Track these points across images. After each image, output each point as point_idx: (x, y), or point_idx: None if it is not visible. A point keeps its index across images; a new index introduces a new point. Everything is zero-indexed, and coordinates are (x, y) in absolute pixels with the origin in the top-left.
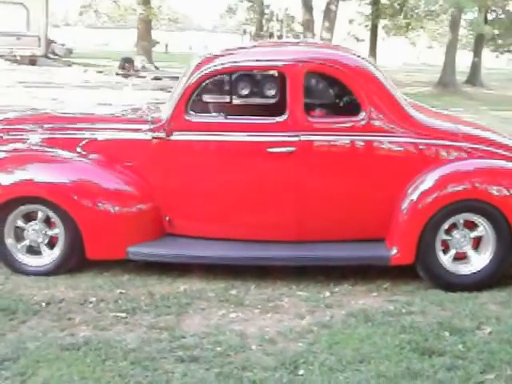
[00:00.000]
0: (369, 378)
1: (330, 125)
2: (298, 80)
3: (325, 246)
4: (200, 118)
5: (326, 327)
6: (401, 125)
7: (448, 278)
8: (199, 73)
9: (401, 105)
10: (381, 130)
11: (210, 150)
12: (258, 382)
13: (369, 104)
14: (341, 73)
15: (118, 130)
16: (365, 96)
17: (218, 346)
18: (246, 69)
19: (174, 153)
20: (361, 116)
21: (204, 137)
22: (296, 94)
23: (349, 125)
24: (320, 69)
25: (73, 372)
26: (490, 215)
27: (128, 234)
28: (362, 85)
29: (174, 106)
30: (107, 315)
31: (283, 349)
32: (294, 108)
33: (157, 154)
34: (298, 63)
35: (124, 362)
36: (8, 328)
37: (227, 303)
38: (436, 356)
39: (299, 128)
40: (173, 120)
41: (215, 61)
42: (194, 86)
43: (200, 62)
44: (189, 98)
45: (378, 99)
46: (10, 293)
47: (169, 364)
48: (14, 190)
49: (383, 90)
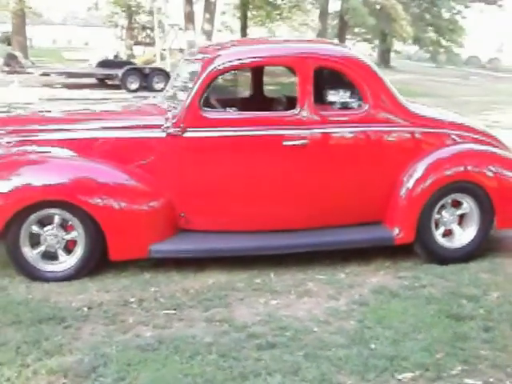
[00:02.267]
0: (432, 343)
1: (338, 117)
2: (308, 75)
3: (332, 231)
4: (215, 114)
5: (363, 305)
6: (398, 115)
7: (442, 253)
8: (211, 69)
9: (396, 96)
10: (382, 120)
11: (226, 146)
12: (344, 359)
13: (371, 97)
14: (346, 68)
15: (132, 128)
16: (367, 89)
17: (286, 332)
18: (257, 64)
19: (189, 149)
20: (364, 108)
21: (219, 132)
22: (306, 89)
23: (354, 117)
24: (328, 64)
25: (173, 371)
26: (476, 194)
27: (149, 233)
28: (364, 79)
29: (187, 103)
30: (157, 313)
31: (341, 327)
32: (305, 102)
33: (172, 151)
34: (308, 59)
35: (212, 355)
36: (69, 336)
37: (261, 291)
38: (468, 320)
39: (311, 121)
40: (187, 117)
41: (226, 57)
42: (206, 82)
43: (210, 58)
44: (202, 94)
45: (378, 92)
46: (45, 301)
47: (253, 352)
48: (35, 194)
49: (381, 83)
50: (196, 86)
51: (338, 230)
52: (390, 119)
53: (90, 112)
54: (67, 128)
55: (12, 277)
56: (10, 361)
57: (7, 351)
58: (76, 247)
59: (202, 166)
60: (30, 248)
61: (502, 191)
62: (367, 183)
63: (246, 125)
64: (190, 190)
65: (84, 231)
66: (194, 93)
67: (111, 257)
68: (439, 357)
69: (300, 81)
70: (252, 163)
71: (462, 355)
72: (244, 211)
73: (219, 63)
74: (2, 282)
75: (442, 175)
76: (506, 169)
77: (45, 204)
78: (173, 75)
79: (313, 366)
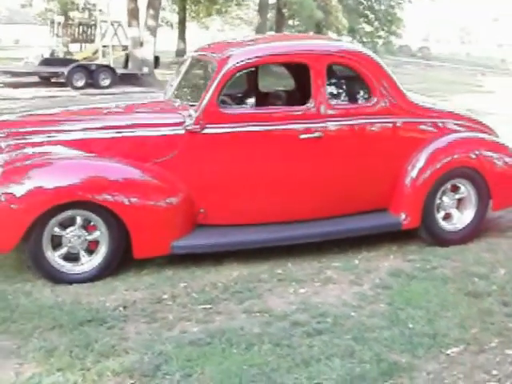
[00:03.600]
0: (463, 320)
1: (349, 110)
2: (321, 71)
3: (343, 220)
4: (232, 111)
5: (387, 288)
6: (403, 107)
7: (444, 236)
8: (229, 67)
9: (400, 89)
10: (389, 112)
11: (244, 141)
12: (390, 339)
13: (378, 90)
14: (355, 63)
15: (151, 127)
16: (375, 83)
17: (326, 318)
18: (272, 61)
19: (208, 146)
20: (372, 101)
21: (237, 128)
22: (320, 84)
23: (363, 110)
24: (339, 60)
25: (235, 363)
26: (473, 178)
27: (171, 229)
28: (373, 73)
29: (205, 101)
30: (194, 309)
31: (374, 310)
32: (319, 96)
33: (191, 147)
34: (321, 55)
35: (265, 345)
36: (116, 336)
37: (286, 281)
38: (486, 297)
39: (325, 115)
40: (206, 114)
41: (242, 55)
42: (224, 80)
43: (225, 56)
44: (220, 91)
45: (385, 85)
46: (78, 303)
47: (303, 339)
48: (59, 195)
49: (387, 76)
50: (214, 84)
51: (348, 219)
52: (396, 111)
53: (105, 111)
54: (85, 127)
55: (31, 281)
56: (69, 365)
57: (61, 356)
58: (99, 247)
59: (221, 161)
60: (52, 250)
61: (497, 175)
62: (375, 172)
63: (263, 120)
64: (208, 185)
65: (107, 231)
66: (212, 90)
67: (135, 255)
68: (474, 332)
69: (313, 76)
70: (269, 157)
71: (493, 329)
72: (261, 204)
73: (236, 61)
74: (24, 287)
75: (444, 163)
76: (499, 153)
77: (67, 205)
78: (176, 74)
79: (365, 348)
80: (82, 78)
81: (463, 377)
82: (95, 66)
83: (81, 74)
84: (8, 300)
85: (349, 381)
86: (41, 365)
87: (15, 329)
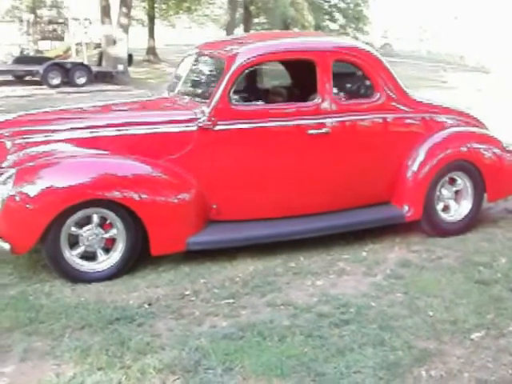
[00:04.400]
0: (478, 306)
1: (354, 106)
2: (328, 67)
3: (349, 213)
4: (243, 107)
5: (399, 278)
6: (404, 103)
7: (444, 227)
8: (238, 64)
9: (401, 85)
10: (391, 108)
11: (255, 137)
12: (415, 327)
13: (381, 86)
14: (359, 59)
15: (163, 124)
16: (378, 79)
17: (349, 308)
18: (279, 58)
19: (220, 142)
20: (375, 97)
21: (248, 124)
22: (326, 80)
23: (367, 105)
24: (344, 57)
25: (274, 355)
26: (470, 171)
27: (187, 226)
28: (375, 70)
29: (216, 98)
30: (218, 304)
31: (393, 300)
32: (325, 93)
33: (203, 144)
34: (327, 52)
35: (297, 336)
36: (148, 334)
37: (302, 274)
38: (494, 284)
39: (332, 110)
40: (218, 111)
41: (250, 52)
42: (234, 77)
43: (233, 53)
44: (230, 88)
45: (387, 82)
46: (102, 302)
47: (332, 330)
48: (78, 194)
49: (389, 73)
50: (225, 81)
51: (353, 212)
52: (397, 107)
53: (113, 108)
54: (95, 125)
55: (48, 281)
56: (109, 364)
57: (98, 355)
58: (116, 245)
59: (233, 157)
60: (70, 250)
61: (491, 167)
62: (379, 167)
63: (273, 116)
64: (221, 181)
65: (124, 228)
66: (222, 87)
67: (152, 252)
68: (491, 317)
69: (320, 73)
70: (279, 152)
71: (508, 314)
72: (271, 199)
73: (246, 58)
74: (43, 288)
75: (443, 156)
76: (492, 146)
77: (84, 204)
78: (181, 70)
79: (393, 336)
80: (57, 76)
81: (492, 360)
82: (71, 65)
83: (56, 73)
84: (29, 301)
85: (385, 368)
86: (79, 364)
87: (44, 329)
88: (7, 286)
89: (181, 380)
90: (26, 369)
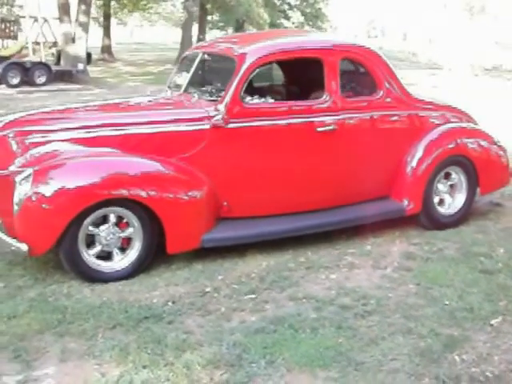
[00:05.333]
0: (489, 294)
1: (358, 103)
2: (335, 65)
3: (352, 208)
4: (255, 105)
5: (408, 270)
6: (405, 100)
7: (440, 220)
8: (249, 63)
9: (401, 83)
10: (393, 105)
11: (266, 135)
12: (436, 316)
13: (384, 84)
14: (364, 58)
15: (176, 122)
16: (381, 77)
17: (369, 300)
18: (288, 57)
19: (232, 140)
20: (379, 95)
21: (260, 122)
22: (333, 78)
23: (371, 103)
24: (350, 55)
25: (311, 346)
26: (464, 166)
27: (201, 223)
28: (379, 68)
29: (229, 96)
30: (241, 299)
31: (407, 291)
32: (332, 91)
33: (216, 142)
34: (334, 50)
35: (328, 328)
36: (181, 330)
37: (314, 268)
38: (498, 273)
39: (339, 108)
40: (230, 108)
41: (260, 50)
42: (246, 75)
43: (242, 52)
44: (242, 87)
45: (389, 79)
46: (125, 301)
47: (359, 321)
48: (97, 193)
49: (391, 71)
50: (237, 79)
51: (357, 207)
52: (399, 104)
53: (123, 107)
54: (111, 123)
55: (63, 281)
56: (152, 362)
57: (138, 353)
58: (132, 244)
59: (244, 155)
60: (87, 249)
61: (484, 161)
62: (381, 162)
63: (283, 114)
64: (232, 178)
65: (142, 227)
66: (235, 85)
67: (169, 250)
68: (503, 304)
69: (327, 71)
70: (289, 150)
71: None
72: (281, 196)
73: (256, 56)
74: (61, 289)
75: (440, 151)
76: (484, 140)
77: (103, 203)
78: (185, 69)
79: (418, 324)
80: (16, 75)
81: None
82: (30, 64)
83: (15, 72)
84: (51, 302)
85: (419, 354)
86: (122, 364)
87: (76, 330)
88: (22, 288)
89: (227, 374)
90: (68, 369)
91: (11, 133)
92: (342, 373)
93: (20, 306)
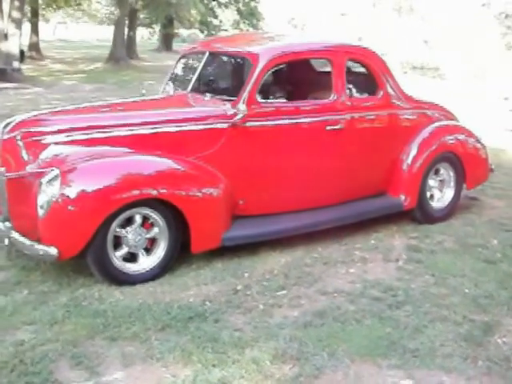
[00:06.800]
0: (499, 281)
1: (362, 103)
2: (342, 66)
3: (354, 204)
4: (270, 105)
5: (419, 262)
6: (402, 99)
7: (432, 214)
8: (265, 63)
9: (398, 83)
10: (393, 104)
11: (280, 133)
12: (462, 304)
13: (384, 84)
14: (367, 59)
15: (195, 121)
16: (382, 78)
17: (397, 291)
18: (299, 57)
19: (249, 139)
20: (380, 94)
21: (275, 121)
22: (341, 79)
23: (373, 103)
24: (355, 56)
25: (364, 337)
26: (453, 162)
27: (222, 222)
28: (380, 68)
29: (245, 95)
30: (274, 295)
31: (426, 281)
32: (340, 90)
33: (233, 140)
34: (341, 52)
35: (369, 319)
36: (230, 328)
37: (331, 264)
38: (499, 263)
39: (346, 107)
40: (248, 108)
41: (274, 51)
42: (261, 75)
43: (255, 53)
44: (258, 86)
45: (389, 80)
46: (163, 303)
47: (393, 311)
48: (128, 194)
49: (389, 72)
50: (253, 79)
51: (359, 203)
52: (398, 104)
53: (138, 106)
54: (126, 123)
55: (88, 285)
56: (220, 360)
57: (201, 353)
58: (157, 245)
59: (260, 153)
60: (114, 251)
61: (470, 157)
62: (380, 160)
63: (296, 113)
64: (248, 176)
65: (167, 227)
66: (251, 85)
67: (193, 249)
68: None
69: (335, 71)
70: (302, 148)
71: None
72: (293, 193)
73: (271, 57)
74: (91, 293)
75: (433, 148)
76: (468, 137)
77: (131, 204)
78: (181, 69)
79: (450, 311)
80: None
81: None
82: None
83: None
84: (86, 306)
85: (463, 339)
86: (188, 364)
87: (126, 333)
88: (48, 293)
89: (297, 368)
90: (137, 373)
91: (20, 134)
92: (402, 360)
93: (57, 312)
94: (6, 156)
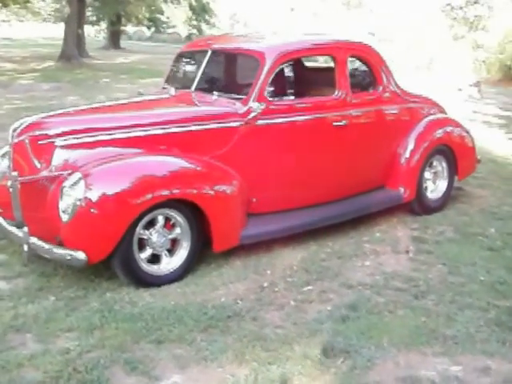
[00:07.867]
0: (509, 267)
1: (364, 98)
2: (345, 62)
3: (357, 199)
4: (279, 103)
5: (429, 253)
6: (399, 94)
7: (429, 205)
8: (273, 60)
9: (394, 78)
10: (391, 99)
11: (290, 131)
12: (482, 291)
13: (383, 80)
14: (367, 55)
15: (208, 119)
16: (381, 73)
17: (417, 282)
18: (304, 54)
19: (261, 136)
20: (379, 90)
21: (285, 119)
22: (344, 75)
23: (374, 98)
24: (356, 53)
25: (400, 327)
26: (447, 154)
27: (239, 220)
28: (379, 64)
29: (256, 94)
30: (302, 291)
31: (440, 271)
32: (344, 86)
33: (246, 139)
34: (343, 48)
35: (401, 310)
36: (271, 326)
37: (346, 258)
38: (502, 250)
39: (350, 103)
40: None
41: (280, 48)
42: (271, 72)
43: (260, 50)
44: (267, 84)
45: (387, 75)
46: (196, 303)
47: (420, 301)
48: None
49: (387, 67)
50: (262, 77)
51: (362, 197)
52: (395, 98)
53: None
54: (140, 123)
55: (113, 290)
56: (273, 358)
57: (252, 351)
58: (180, 246)
59: (271, 150)
60: (139, 253)
61: (461, 148)
62: (381, 154)
63: (305, 110)
64: (261, 174)
65: (189, 228)
66: (260, 83)
67: (215, 249)
68: None
69: (338, 67)
70: (311, 144)
71: None
72: (303, 190)
73: (279, 54)
74: (120, 297)
75: (429, 141)
76: (459, 129)
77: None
78: (183, 68)
79: (474, 299)
80: None
81: None
82: None
83: None
84: (119, 311)
85: (494, 324)
86: (243, 363)
87: (171, 336)
88: (75, 299)
89: (350, 360)
90: (195, 375)
91: (30, 136)
92: (445, 347)
93: (92, 318)
94: (17, 159)
